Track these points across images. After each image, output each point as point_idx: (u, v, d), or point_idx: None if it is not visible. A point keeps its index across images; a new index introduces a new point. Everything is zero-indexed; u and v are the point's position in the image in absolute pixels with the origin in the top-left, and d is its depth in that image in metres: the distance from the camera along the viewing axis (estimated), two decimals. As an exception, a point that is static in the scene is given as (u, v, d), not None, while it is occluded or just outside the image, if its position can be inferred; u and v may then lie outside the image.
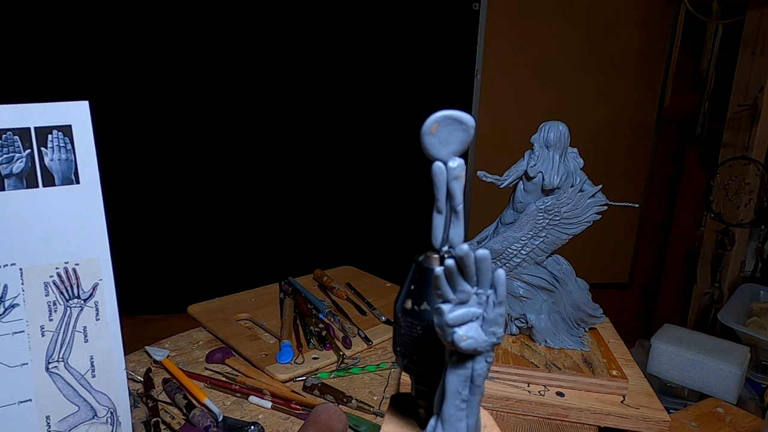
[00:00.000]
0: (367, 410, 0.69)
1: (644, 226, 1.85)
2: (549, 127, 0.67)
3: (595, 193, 0.67)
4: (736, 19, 1.59)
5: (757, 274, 1.66)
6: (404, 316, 0.19)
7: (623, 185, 1.78)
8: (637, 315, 1.98)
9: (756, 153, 1.55)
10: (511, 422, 0.64)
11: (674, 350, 1.20)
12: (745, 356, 1.17)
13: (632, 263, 1.87)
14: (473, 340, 0.17)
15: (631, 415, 0.61)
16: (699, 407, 0.99)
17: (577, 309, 0.70)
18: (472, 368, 0.18)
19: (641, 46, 1.67)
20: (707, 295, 1.72)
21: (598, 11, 1.62)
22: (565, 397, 0.64)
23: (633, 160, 1.77)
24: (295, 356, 0.77)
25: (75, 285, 0.50)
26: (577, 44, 1.64)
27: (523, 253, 0.69)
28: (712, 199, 1.66)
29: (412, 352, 0.20)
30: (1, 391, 0.47)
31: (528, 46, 1.62)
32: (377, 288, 1.03)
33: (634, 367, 0.69)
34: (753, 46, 1.55)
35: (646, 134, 1.76)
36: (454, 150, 0.18)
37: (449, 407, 0.18)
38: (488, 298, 0.18)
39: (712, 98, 1.70)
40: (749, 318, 1.39)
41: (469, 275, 0.17)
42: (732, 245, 1.63)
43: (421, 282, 0.19)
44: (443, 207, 0.19)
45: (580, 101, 1.68)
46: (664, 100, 1.72)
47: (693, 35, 1.68)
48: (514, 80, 1.64)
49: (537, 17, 1.60)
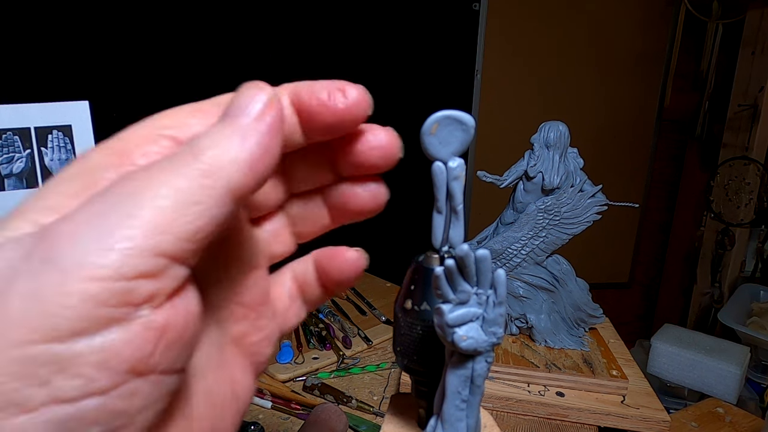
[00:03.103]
0: (367, 410, 0.69)
1: (644, 226, 1.85)
2: (549, 127, 0.68)
3: (595, 193, 0.67)
4: (736, 19, 1.59)
5: (757, 274, 1.66)
6: (404, 316, 0.19)
7: (623, 185, 1.78)
8: (637, 315, 1.99)
9: (756, 153, 1.55)
10: (511, 422, 0.64)
11: (674, 350, 1.20)
12: (745, 356, 1.17)
13: (632, 263, 1.87)
14: (473, 341, 0.17)
15: (631, 415, 0.61)
16: (699, 407, 0.99)
17: (577, 309, 0.70)
18: (472, 368, 0.18)
19: (641, 46, 1.67)
20: (707, 295, 1.72)
21: (598, 11, 1.62)
22: (565, 397, 0.64)
23: (633, 160, 1.77)
24: (295, 356, 0.77)
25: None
26: (577, 44, 1.64)
27: (523, 253, 0.69)
28: (712, 199, 1.66)
29: (412, 352, 0.20)
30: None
31: (528, 46, 1.62)
32: (377, 288, 1.03)
33: (634, 367, 0.69)
34: (753, 46, 1.55)
35: (646, 134, 1.76)
36: (454, 150, 0.18)
37: (449, 407, 0.18)
38: (488, 298, 0.18)
39: (712, 98, 1.70)
40: (749, 318, 1.39)
41: (469, 275, 0.17)
42: (732, 245, 1.63)
43: (421, 282, 0.19)
44: (443, 207, 0.19)
45: (580, 101, 1.68)
46: (664, 100, 1.72)
47: (693, 35, 1.68)
48: (514, 80, 1.64)
49: (537, 17, 1.60)
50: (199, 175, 0.15)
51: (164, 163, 0.15)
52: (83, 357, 0.13)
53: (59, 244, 0.13)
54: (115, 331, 0.13)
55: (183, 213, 0.14)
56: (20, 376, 0.12)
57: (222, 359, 0.20)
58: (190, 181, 0.14)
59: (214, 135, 0.16)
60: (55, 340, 0.12)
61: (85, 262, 0.13)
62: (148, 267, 0.13)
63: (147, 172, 0.15)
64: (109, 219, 0.13)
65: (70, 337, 0.13)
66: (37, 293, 0.13)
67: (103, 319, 0.13)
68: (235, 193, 0.15)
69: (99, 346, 0.13)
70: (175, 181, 0.14)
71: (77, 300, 0.13)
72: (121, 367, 0.13)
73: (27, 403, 0.12)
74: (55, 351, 0.12)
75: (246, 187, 0.16)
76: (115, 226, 0.13)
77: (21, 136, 0.45)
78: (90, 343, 0.13)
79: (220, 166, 0.15)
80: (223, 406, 0.20)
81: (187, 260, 0.15)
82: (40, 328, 0.12)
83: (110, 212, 0.14)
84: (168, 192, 0.14)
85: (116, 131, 0.17)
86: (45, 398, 0.12)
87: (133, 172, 0.15)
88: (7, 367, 0.12)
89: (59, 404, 0.13)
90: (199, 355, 0.19)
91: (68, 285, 0.13)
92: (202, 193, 0.14)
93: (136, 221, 0.13)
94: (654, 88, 1.72)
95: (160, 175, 0.14)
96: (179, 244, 0.14)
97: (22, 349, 0.12)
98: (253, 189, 0.16)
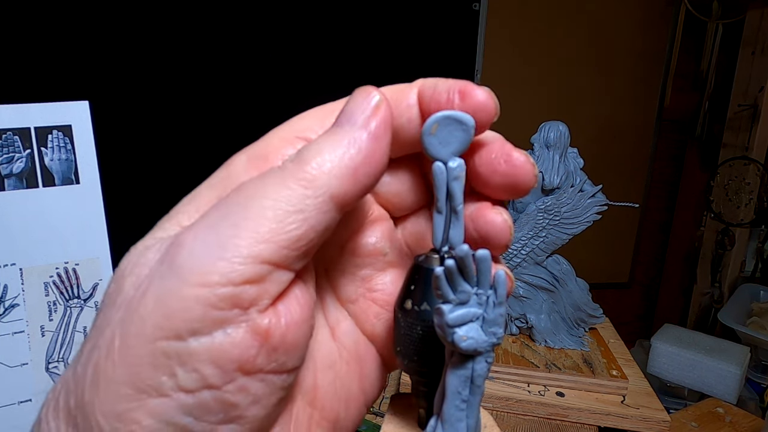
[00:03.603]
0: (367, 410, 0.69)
1: (644, 226, 1.85)
2: (549, 127, 0.68)
3: (595, 193, 0.67)
4: (736, 19, 1.59)
5: (757, 274, 1.66)
6: (404, 316, 0.19)
7: (623, 185, 1.77)
8: (637, 315, 1.98)
9: (756, 153, 1.55)
10: (511, 422, 0.64)
11: (674, 350, 1.20)
12: (745, 356, 1.17)
13: (632, 263, 1.87)
14: (473, 341, 0.17)
15: (631, 415, 0.61)
16: (699, 407, 0.99)
17: (577, 309, 0.70)
18: (472, 369, 0.18)
19: (641, 46, 1.67)
20: (707, 295, 1.72)
21: (598, 11, 1.62)
22: (565, 397, 0.64)
23: (633, 160, 1.77)
24: (295, 356, 0.77)
25: (75, 285, 0.50)
26: (577, 44, 1.64)
27: (523, 253, 0.69)
28: (712, 199, 1.66)
29: (412, 352, 0.20)
30: (1, 391, 0.47)
31: (528, 46, 1.62)
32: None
33: (634, 367, 0.69)
34: (753, 46, 1.55)
35: (646, 134, 1.76)
36: (454, 150, 0.18)
37: (449, 407, 0.18)
38: (488, 298, 0.18)
39: (712, 98, 1.70)
40: (749, 318, 1.39)
41: (469, 275, 0.17)
42: (732, 245, 1.63)
43: (421, 282, 0.19)
44: (443, 207, 0.19)
45: (580, 101, 1.68)
46: (664, 100, 1.72)
47: (693, 35, 1.68)
48: (514, 80, 1.64)
49: (537, 17, 1.60)
50: (301, 184, 0.15)
51: (274, 172, 0.16)
52: (198, 355, 0.14)
53: (180, 253, 0.15)
54: (223, 332, 0.15)
55: (285, 222, 0.15)
56: (154, 366, 0.14)
57: (355, 354, 0.21)
58: (292, 190, 0.15)
59: (320, 143, 0.16)
60: (176, 338, 0.14)
61: (198, 269, 0.15)
62: (253, 273, 0.15)
63: (259, 181, 0.16)
64: (219, 229, 0.15)
65: (187, 336, 0.14)
66: (163, 296, 0.15)
67: (214, 321, 0.15)
68: (337, 200, 0.16)
69: (209, 346, 0.15)
70: (280, 191, 0.15)
71: (192, 303, 0.14)
72: (229, 366, 0.15)
73: (160, 388, 0.14)
74: (175, 348, 0.14)
75: (348, 195, 0.16)
76: (224, 236, 0.15)
77: (21, 136, 0.45)
78: (203, 343, 0.15)
79: (322, 175, 0.16)
80: (349, 398, 0.21)
81: (291, 266, 0.16)
82: (165, 326, 0.14)
83: (220, 223, 0.15)
84: (271, 202, 0.15)
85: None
86: (174, 386, 0.15)
87: (249, 181, 0.16)
88: (144, 358, 0.14)
89: (185, 393, 0.15)
90: (331, 348, 0.20)
91: (185, 290, 0.14)
92: (304, 203, 0.15)
93: (242, 231, 0.15)
94: (654, 88, 1.72)
95: (267, 185, 0.16)
96: (282, 252, 0.15)
97: (154, 343, 0.14)
98: (356, 196, 0.17)
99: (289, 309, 0.16)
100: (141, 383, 0.14)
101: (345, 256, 0.21)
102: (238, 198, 0.16)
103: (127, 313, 0.15)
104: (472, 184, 0.19)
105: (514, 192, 0.18)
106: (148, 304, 0.15)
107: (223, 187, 0.17)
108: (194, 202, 0.17)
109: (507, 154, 0.18)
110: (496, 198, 0.19)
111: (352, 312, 0.21)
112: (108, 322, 0.15)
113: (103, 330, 0.15)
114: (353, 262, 0.21)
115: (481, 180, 0.19)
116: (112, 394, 0.14)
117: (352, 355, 0.21)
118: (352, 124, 0.17)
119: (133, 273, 0.16)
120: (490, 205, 0.19)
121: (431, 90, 0.18)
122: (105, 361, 0.15)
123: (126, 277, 0.16)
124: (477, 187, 0.19)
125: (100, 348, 0.15)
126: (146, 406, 0.14)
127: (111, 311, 0.16)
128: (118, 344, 0.15)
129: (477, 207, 0.19)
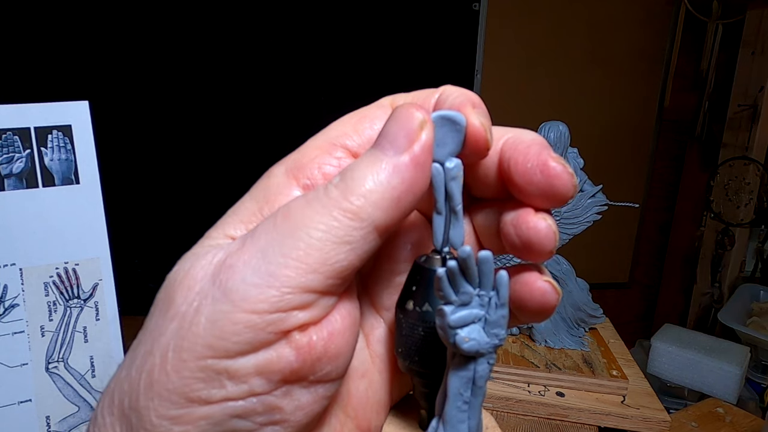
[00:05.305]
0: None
1: (644, 226, 1.85)
2: (549, 127, 0.67)
3: (595, 193, 0.67)
4: (736, 19, 1.59)
5: (757, 274, 1.66)
6: (405, 318, 0.19)
7: (623, 185, 1.77)
8: (637, 315, 1.98)
9: (756, 153, 1.55)
10: (511, 422, 0.64)
11: (674, 350, 1.20)
12: (745, 356, 1.17)
13: (632, 263, 1.87)
14: (475, 342, 0.17)
15: (631, 415, 0.61)
16: (699, 407, 0.99)
17: (577, 309, 0.70)
18: (474, 370, 0.18)
19: (641, 46, 1.67)
20: (707, 295, 1.72)
21: (597, 11, 1.62)
22: (565, 397, 0.64)
23: (633, 160, 1.77)
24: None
25: (75, 285, 0.49)
26: (577, 44, 1.64)
27: (524, 253, 0.69)
28: (712, 199, 1.66)
29: (414, 353, 0.20)
30: (1, 391, 0.47)
31: (528, 46, 1.62)
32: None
33: (634, 367, 0.69)
34: (753, 46, 1.55)
35: (646, 134, 1.76)
36: (451, 150, 0.18)
37: (451, 409, 0.18)
38: (490, 299, 0.17)
39: (712, 98, 1.70)
40: (749, 318, 1.39)
41: (471, 277, 0.17)
42: (732, 245, 1.63)
43: (423, 283, 0.19)
44: (443, 208, 0.19)
45: (580, 101, 1.68)
46: (664, 100, 1.72)
47: (693, 35, 1.68)
48: (514, 80, 1.64)
49: (537, 17, 1.59)
50: (347, 216, 0.16)
51: (320, 198, 0.16)
52: (245, 369, 0.16)
53: (232, 278, 0.16)
54: (269, 350, 0.16)
55: (332, 254, 0.16)
56: (203, 380, 0.16)
57: (386, 362, 0.21)
58: (339, 222, 0.16)
59: (363, 170, 0.17)
60: (226, 357, 0.16)
61: (250, 296, 0.16)
62: (300, 302, 0.16)
63: (307, 208, 0.16)
64: (269, 257, 0.16)
65: (236, 355, 0.16)
66: (215, 319, 0.16)
67: (261, 343, 0.16)
68: (380, 228, 0.17)
69: (256, 362, 0.16)
70: (326, 221, 0.16)
71: (242, 327, 0.16)
72: (274, 377, 0.16)
73: (210, 398, 0.16)
74: (225, 365, 0.16)
75: (390, 222, 0.17)
76: (274, 264, 0.16)
77: (21, 136, 0.45)
78: (250, 361, 0.16)
79: (366, 207, 0.16)
80: (380, 406, 0.21)
81: (336, 291, 0.17)
82: (217, 346, 0.16)
83: (269, 250, 0.16)
84: (319, 234, 0.16)
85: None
86: (223, 395, 0.16)
87: (295, 206, 0.17)
88: (195, 373, 0.16)
89: (233, 401, 0.16)
90: (365, 356, 0.21)
91: (236, 315, 0.16)
92: (351, 234, 0.16)
93: (291, 261, 0.16)
94: (654, 88, 1.72)
95: (314, 215, 0.16)
96: (328, 281, 0.16)
97: (205, 360, 0.16)
98: (398, 222, 0.17)
99: (330, 320, 0.17)
100: (192, 394, 0.16)
101: (380, 262, 0.21)
102: (286, 225, 0.16)
103: (180, 328, 0.16)
104: (510, 191, 0.19)
105: (552, 202, 0.18)
106: (201, 322, 0.16)
107: (264, 198, 0.18)
108: (238, 214, 0.18)
109: (543, 164, 0.17)
110: (537, 207, 0.18)
111: (387, 319, 0.21)
112: (161, 331, 0.17)
113: (158, 338, 0.16)
114: (389, 268, 0.21)
115: (518, 189, 0.18)
116: (166, 401, 0.16)
117: (384, 363, 0.21)
118: (396, 149, 0.17)
119: (183, 284, 0.17)
120: (533, 211, 0.18)
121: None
122: (159, 370, 0.16)
123: (177, 288, 0.17)
124: (515, 195, 0.18)
125: (155, 356, 0.16)
126: (197, 412, 0.16)
127: (164, 321, 0.17)
128: (171, 356, 0.16)
129: (518, 213, 0.18)
